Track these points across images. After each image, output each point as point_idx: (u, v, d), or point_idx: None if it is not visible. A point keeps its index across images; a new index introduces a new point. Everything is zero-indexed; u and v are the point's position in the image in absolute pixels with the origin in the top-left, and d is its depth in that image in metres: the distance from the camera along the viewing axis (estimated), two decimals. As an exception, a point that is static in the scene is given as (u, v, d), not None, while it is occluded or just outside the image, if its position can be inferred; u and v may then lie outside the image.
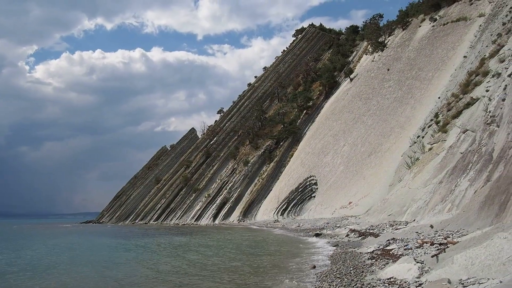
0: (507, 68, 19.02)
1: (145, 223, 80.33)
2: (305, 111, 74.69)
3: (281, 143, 70.83)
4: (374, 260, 12.23)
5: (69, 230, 63.43)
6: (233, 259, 18.33)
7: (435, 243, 11.53)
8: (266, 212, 56.93)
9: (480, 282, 6.71)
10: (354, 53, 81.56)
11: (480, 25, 42.32)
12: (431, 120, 30.72)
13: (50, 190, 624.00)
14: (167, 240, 33.54)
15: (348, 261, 13.06)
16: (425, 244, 12.04)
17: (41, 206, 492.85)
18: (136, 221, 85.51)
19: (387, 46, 64.24)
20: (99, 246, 31.20)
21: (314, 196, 49.09)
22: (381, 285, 8.92)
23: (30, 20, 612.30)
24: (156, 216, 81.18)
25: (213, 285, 12.38)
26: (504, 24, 30.04)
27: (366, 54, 71.97)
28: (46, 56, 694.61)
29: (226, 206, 66.78)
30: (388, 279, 9.22)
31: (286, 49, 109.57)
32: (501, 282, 6.35)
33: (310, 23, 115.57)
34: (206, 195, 72.98)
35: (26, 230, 68.38)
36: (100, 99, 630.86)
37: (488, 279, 6.74)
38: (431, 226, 14.79)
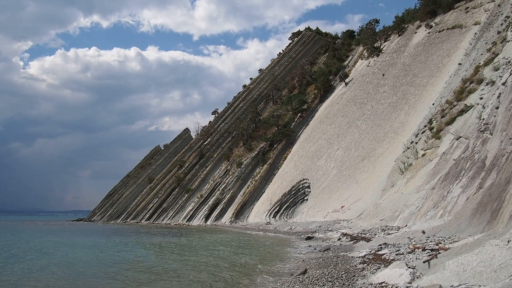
0: (501, 77, 19.16)
1: (137, 222, 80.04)
2: (299, 114, 74.81)
3: (275, 146, 70.84)
4: (365, 265, 12.22)
5: (58, 228, 62.96)
6: (220, 262, 18.26)
7: (427, 249, 11.55)
8: (258, 214, 56.86)
9: (472, 289, 6.73)
10: (350, 57, 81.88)
11: (475, 33, 42.66)
12: (425, 126, 30.86)
13: (42, 187, 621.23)
14: (155, 240, 33.39)
15: (339, 265, 13.04)
16: (417, 249, 12.06)
17: (33, 203, 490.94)
18: (128, 220, 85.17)
19: (382, 51, 64.53)
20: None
21: (307, 199, 49.09)
22: (372, 289, 8.91)
23: (25, 16, 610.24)
24: (148, 215, 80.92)
25: None
26: (499, 32, 30.30)
27: (361, 59, 72.26)
28: (41, 52, 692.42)
29: (218, 207, 66.64)
30: (379, 283, 9.21)
31: (282, 52, 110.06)
32: (492, 289, 6.36)
33: (307, 27, 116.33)
34: (199, 196, 72.82)
35: (11, 226, 67.71)
36: (94, 97, 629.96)
37: (480, 285, 6.76)
38: (423, 232, 14.83)
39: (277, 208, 53.57)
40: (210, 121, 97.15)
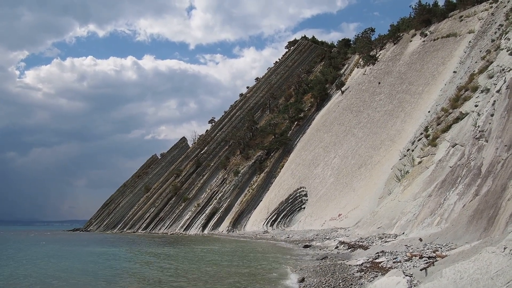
0: (496, 84, 19.28)
1: (134, 232, 79.59)
2: (296, 122, 74.97)
3: (272, 154, 70.87)
4: (363, 273, 12.18)
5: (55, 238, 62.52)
6: (217, 271, 18.16)
7: (424, 256, 11.53)
8: (255, 222, 56.68)
9: (469, 296, 6.71)
10: (346, 66, 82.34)
11: (469, 41, 43.04)
12: (421, 133, 30.96)
13: (38, 196, 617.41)
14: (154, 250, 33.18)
15: (337, 273, 13.00)
16: (414, 257, 12.04)
17: (29, 212, 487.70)
18: (125, 229, 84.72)
19: (378, 59, 64.96)
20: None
21: (304, 208, 49.02)
22: (370, 298, 8.88)
23: (21, 25, 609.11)
24: (144, 225, 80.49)
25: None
26: (493, 41, 30.58)
27: (357, 67, 72.72)
28: (37, 61, 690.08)
29: (215, 216, 66.40)
30: (377, 292, 9.18)
31: (278, 61, 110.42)
32: (489, 296, 6.35)
33: (303, 35, 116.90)
34: (196, 205, 72.56)
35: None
36: (90, 106, 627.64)
37: (477, 293, 6.74)
38: (420, 239, 14.81)
39: (274, 217, 53.44)
40: (207, 130, 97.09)
